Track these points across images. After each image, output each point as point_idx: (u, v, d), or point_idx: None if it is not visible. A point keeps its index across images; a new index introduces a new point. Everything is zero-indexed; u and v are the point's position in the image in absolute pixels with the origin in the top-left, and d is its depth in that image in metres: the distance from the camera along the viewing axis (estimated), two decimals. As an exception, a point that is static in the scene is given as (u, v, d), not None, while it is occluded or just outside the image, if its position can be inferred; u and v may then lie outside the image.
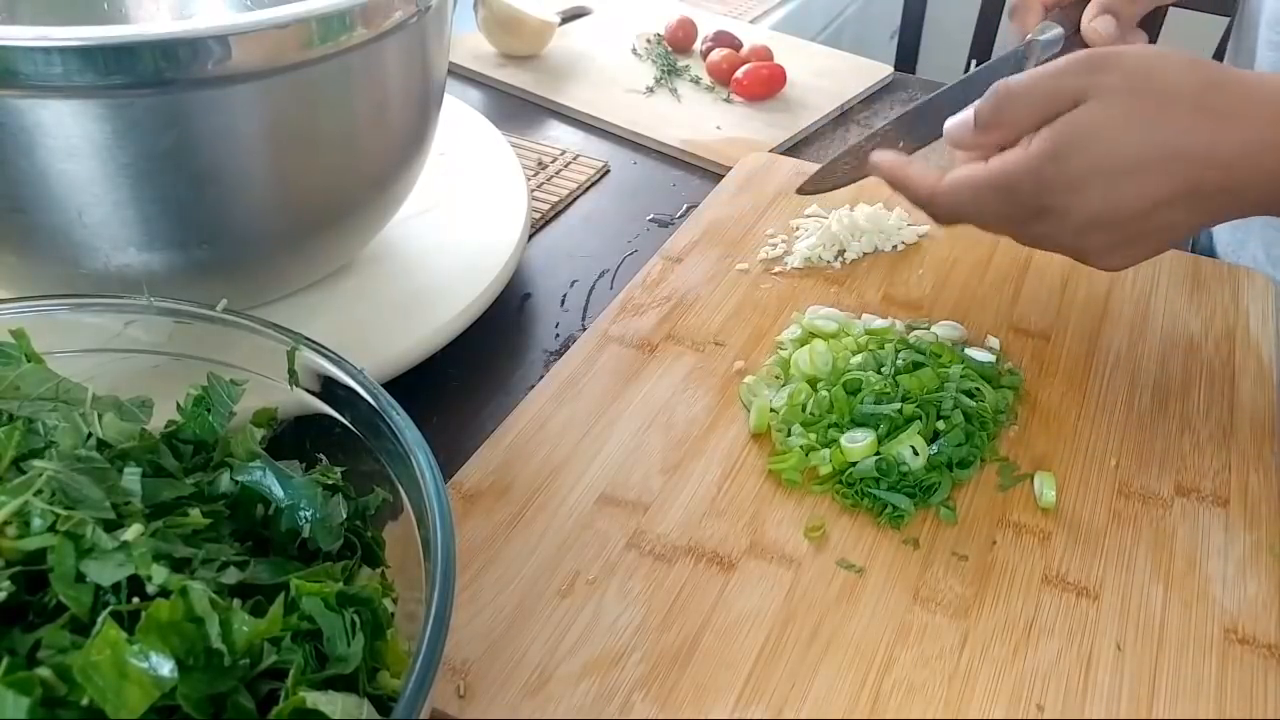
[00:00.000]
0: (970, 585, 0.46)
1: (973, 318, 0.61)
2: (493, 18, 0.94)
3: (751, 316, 0.61)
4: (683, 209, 0.75)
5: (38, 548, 0.31)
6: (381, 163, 0.54)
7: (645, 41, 0.98)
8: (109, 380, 0.39)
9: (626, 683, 0.41)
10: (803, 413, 0.52)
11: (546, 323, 0.64)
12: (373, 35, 0.47)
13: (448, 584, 0.31)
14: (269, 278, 0.55)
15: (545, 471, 0.50)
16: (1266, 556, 0.48)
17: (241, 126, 0.45)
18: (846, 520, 0.49)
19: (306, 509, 0.37)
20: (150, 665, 0.28)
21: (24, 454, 0.34)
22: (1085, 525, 0.49)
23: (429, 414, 0.55)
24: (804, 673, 0.42)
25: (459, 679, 0.41)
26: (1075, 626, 0.44)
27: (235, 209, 0.48)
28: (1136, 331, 0.61)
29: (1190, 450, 0.53)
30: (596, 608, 0.44)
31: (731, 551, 0.47)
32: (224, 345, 0.41)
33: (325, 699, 0.30)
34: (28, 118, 0.41)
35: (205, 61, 0.41)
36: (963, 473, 0.50)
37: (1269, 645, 0.44)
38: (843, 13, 1.74)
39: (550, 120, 0.89)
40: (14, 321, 0.39)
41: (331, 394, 0.40)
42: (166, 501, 0.34)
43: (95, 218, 0.45)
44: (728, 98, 0.90)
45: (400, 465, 0.37)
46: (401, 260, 0.62)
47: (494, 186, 0.68)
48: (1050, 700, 0.41)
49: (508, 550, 0.46)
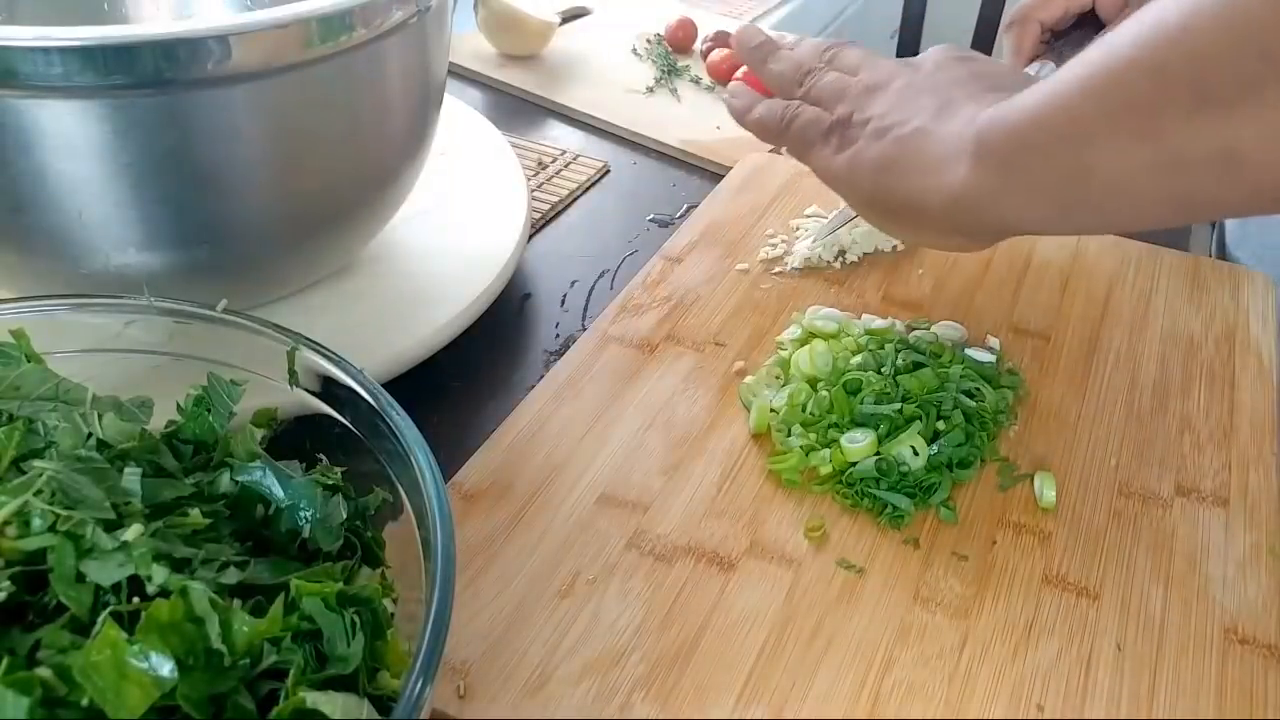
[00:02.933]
0: (970, 585, 0.46)
1: (973, 318, 0.61)
2: (493, 18, 0.94)
3: (751, 316, 0.61)
4: (683, 209, 0.75)
5: (38, 548, 0.31)
6: (381, 163, 0.54)
7: (645, 41, 0.98)
8: (109, 380, 0.39)
9: (626, 683, 0.41)
10: (803, 413, 0.52)
11: (546, 323, 0.64)
12: (373, 35, 0.47)
13: (448, 584, 0.31)
14: (269, 278, 0.55)
15: (545, 472, 0.50)
16: (1266, 556, 0.48)
17: (241, 126, 0.45)
18: (846, 520, 0.49)
19: (306, 509, 0.37)
20: (150, 665, 0.28)
21: (24, 454, 0.34)
22: (1085, 525, 0.49)
23: (429, 414, 0.55)
24: (804, 673, 0.42)
25: (459, 679, 0.41)
26: (1075, 626, 0.44)
27: (235, 209, 0.48)
28: (1136, 331, 0.61)
29: (1190, 450, 0.53)
30: (596, 608, 0.44)
31: (731, 551, 0.47)
32: (224, 345, 0.41)
33: (325, 699, 0.30)
34: (28, 118, 0.41)
35: (205, 61, 0.41)
36: (963, 473, 0.50)
37: (1269, 645, 0.44)
38: (843, 13, 1.74)
39: (550, 120, 0.89)
40: (14, 321, 0.39)
41: (331, 394, 0.40)
42: (166, 501, 0.34)
43: (95, 218, 0.45)
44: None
45: (400, 465, 0.37)
46: (401, 260, 0.62)
47: (494, 186, 0.68)
48: (1050, 700, 0.41)
49: (507, 550, 0.46)
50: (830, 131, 0.50)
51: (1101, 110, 0.39)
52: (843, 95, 0.51)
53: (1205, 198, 0.38)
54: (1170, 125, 0.37)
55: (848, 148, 0.49)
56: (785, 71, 0.55)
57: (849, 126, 0.49)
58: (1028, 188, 0.43)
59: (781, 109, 0.53)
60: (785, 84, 0.54)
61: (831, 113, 0.50)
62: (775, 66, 0.56)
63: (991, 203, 0.44)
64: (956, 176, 0.44)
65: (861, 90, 0.50)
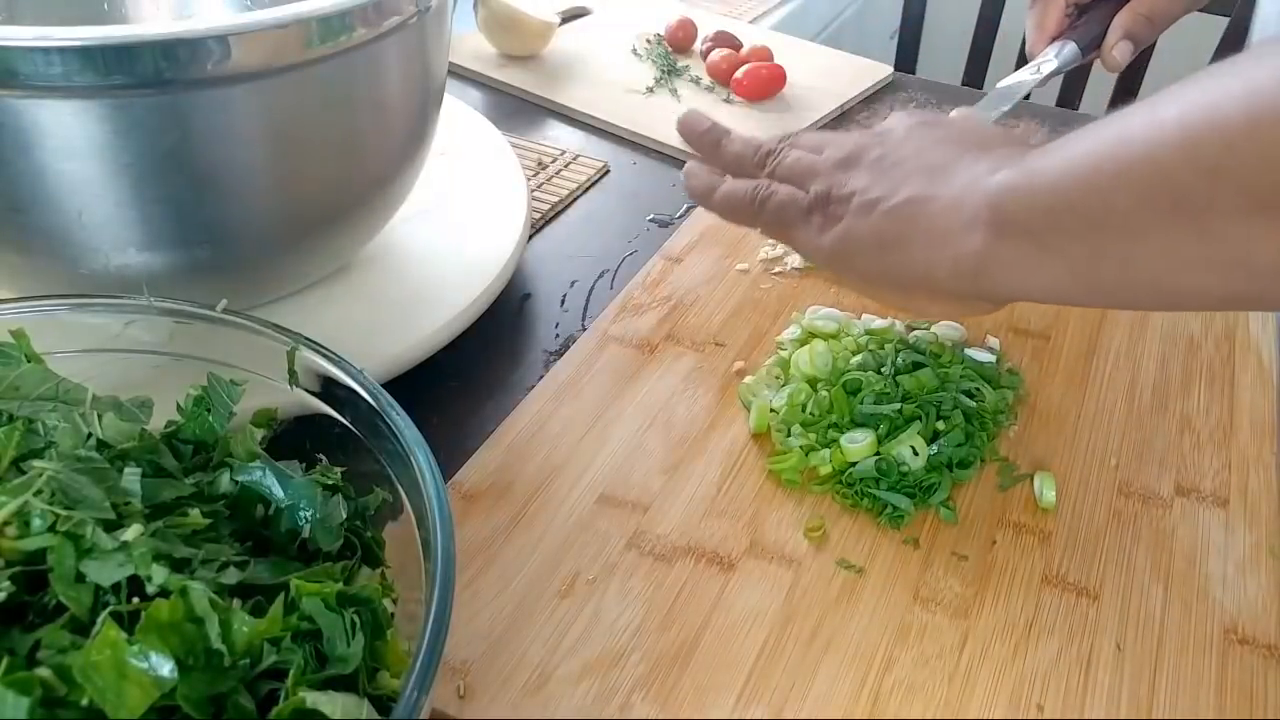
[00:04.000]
0: (970, 585, 0.46)
1: (973, 318, 0.61)
2: (493, 18, 0.94)
3: (751, 316, 0.61)
4: (683, 209, 0.75)
5: (38, 548, 0.31)
6: (381, 163, 0.54)
7: (645, 41, 0.98)
8: (109, 380, 0.39)
9: (626, 683, 0.41)
10: (803, 413, 0.52)
11: (546, 323, 0.64)
12: (373, 35, 0.46)
13: (448, 584, 0.31)
14: (269, 278, 0.55)
15: (545, 472, 0.50)
16: (1266, 556, 0.48)
17: (241, 126, 0.45)
18: (846, 520, 0.49)
19: (306, 509, 0.37)
20: (150, 665, 0.28)
21: (24, 454, 0.34)
22: (1085, 525, 0.49)
23: (429, 414, 0.55)
24: (804, 673, 0.42)
25: (459, 679, 0.41)
26: (1075, 626, 0.44)
27: (235, 209, 0.48)
28: (1136, 331, 0.61)
29: (1190, 450, 0.53)
30: (596, 608, 0.44)
31: (731, 551, 0.47)
32: (224, 345, 0.41)
33: (325, 699, 0.30)
34: (27, 118, 0.41)
35: (205, 61, 0.41)
36: (963, 473, 0.50)
37: (1269, 645, 0.44)
38: (842, 13, 1.74)
39: (550, 120, 0.89)
40: (14, 321, 0.39)
41: (331, 394, 0.40)
42: (166, 501, 0.34)
43: (95, 218, 0.45)
44: (728, 98, 0.90)
45: (400, 465, 0.37)
46: (401, 260, 0.62)
47: (494, 186, 0.68)
48: (1050, 700, 0.41)
49: (507, 550, 0.46)
50: (811, 211, 0.47)
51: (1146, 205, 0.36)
52: (813, 172, 0.48)
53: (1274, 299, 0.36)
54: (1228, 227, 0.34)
55: (832, 226, 0.46)
56: (743, 153, 0.52)
57: (830, 203, 0.46)
58: (1057, 264, 0.40)
59: (750, 188, 0.49)
60: (745, 166, 0.51)
61: (806, 191, 0.48)
62: (731, 149, 0.52)
63: (1012, 274, 0.42)
64: (970, 247, 0.42)
65: (833, 165, 0.47)
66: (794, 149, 0.50)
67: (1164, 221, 0.36)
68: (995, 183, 0.42)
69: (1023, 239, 0.41)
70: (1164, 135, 0.35)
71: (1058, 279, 0.41)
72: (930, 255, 0.43)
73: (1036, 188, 0.40)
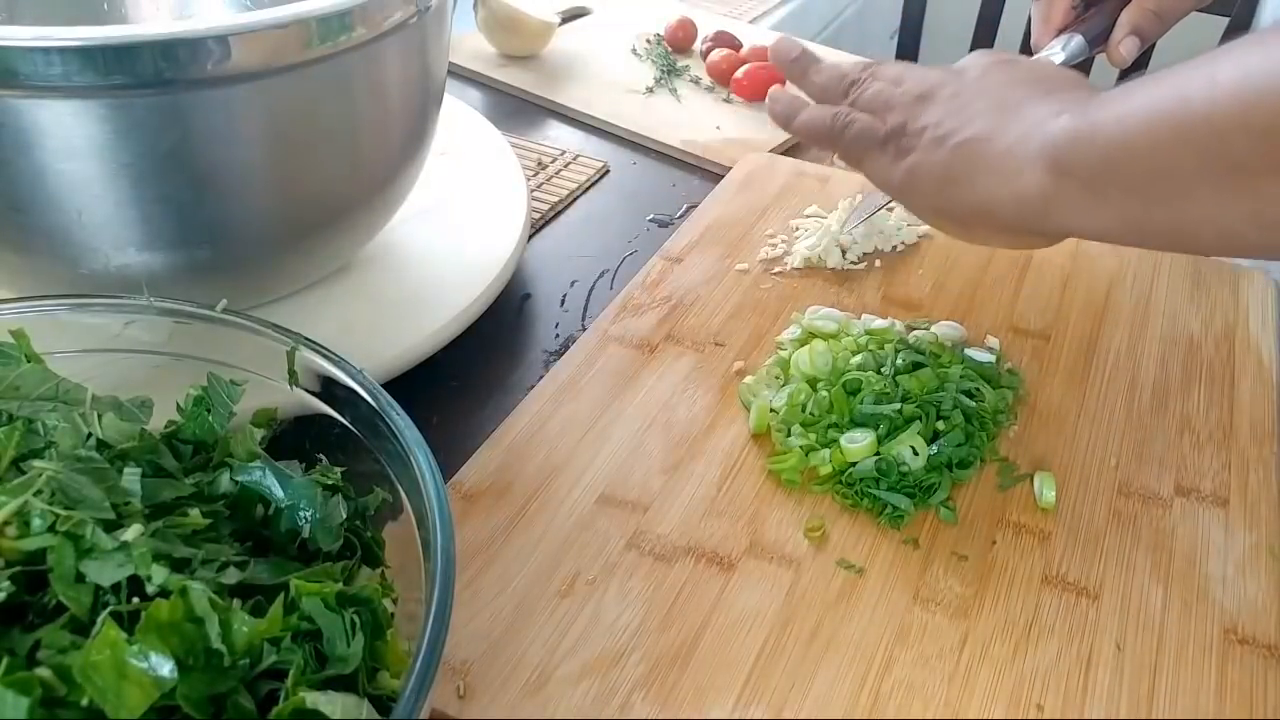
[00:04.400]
0: (970, 585, 0.46)
1: (973, 318, 0.61)
2: (493, 18, 0.94)
3: (751, 317, 0.61)
4: (683, 209, 0.75)
5: (38, 548, 0.31)
6: (381, 163, 0.54)
7: (645, 41, 0.98)
8: (109, 380, 0.39)
9: (626, 683, 0.41)
10: (803, 413, 0.52)
11: (546, 323, 0.64)
12: (372, 35, 0.47)
13: (448, 584, 0.31)
14: (269, 278, 0.55)
15: (545, 472, 0.50)
16: (1266, 556, 0.48)
17: (241, 126, 0.45)
18: (846, 520, 0.49)
19: (306, 509, 0.37)
20: (150, 665, 0.28)
21: (24, 454, 0.34)
22: (1085, 525, 0.49)
23: (429, 414, 0.55)
24: (804, 673, 0.42)
25: (459, 679, 0.41)
26: (1075, 626, 0.44)
27: (235, 209, 0.48)
28: (1136, 331, 0.61)
29: (1190, 450, 0.53)
30: (596, 608, 0.44)
31: (731, 551, 0.47)
32: (224, 345, 0.41)
33: (325, 699, 0.30)
34: (27, 118, 0.41)
35: (205, 61, 0.41)
36: (963, 473, 0.50)
37: (1269, 645, 0.44)
38: (842, 13, 1.74)
39: (550, 120, 0.89)
40: (14, 321, 0.39)
41: (331, 394, 0.40)
42: (166, 501, 0.34)
43: (95, 218, 0.45)
44: (728, 98, 0.90)
45: (400, 465, 0.37)
46: (401, 260, 0.62)
47: (494, 186, 0.68)
48: (1050, 700, 0.41)
49: (507, 550, 0.46)
50: (886, 141, 0.50)
51: (1202, 165, 0.38)
52: (891, 105, 0.51)
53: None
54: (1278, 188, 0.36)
55: (905, 157, 0.50)
56: (828, 84, 0.55)
57: (904, 135, 0.50)
58: (1110, 210, 0.43)
59: (831, 115, 0.53)
60: (830, 96, 0.55)
61: (884, 122, 0.51)
62: (818, 78, 0.56)
63: (1067, 213, 0.44)
64: (1030, 183, 0.44)
65: (911, 100, 0.50)
66: (876, 80, 0.53)
67: (1215, 181, 0.38)
68: (1057, 127, 0.44)
69: (1078, 184, 0.43)
70: (1221, 97, 0.37)
71: (1109, 224, 0.43)
72: (992, 191, 0.46)
73: (1095, 138, 0.42)
